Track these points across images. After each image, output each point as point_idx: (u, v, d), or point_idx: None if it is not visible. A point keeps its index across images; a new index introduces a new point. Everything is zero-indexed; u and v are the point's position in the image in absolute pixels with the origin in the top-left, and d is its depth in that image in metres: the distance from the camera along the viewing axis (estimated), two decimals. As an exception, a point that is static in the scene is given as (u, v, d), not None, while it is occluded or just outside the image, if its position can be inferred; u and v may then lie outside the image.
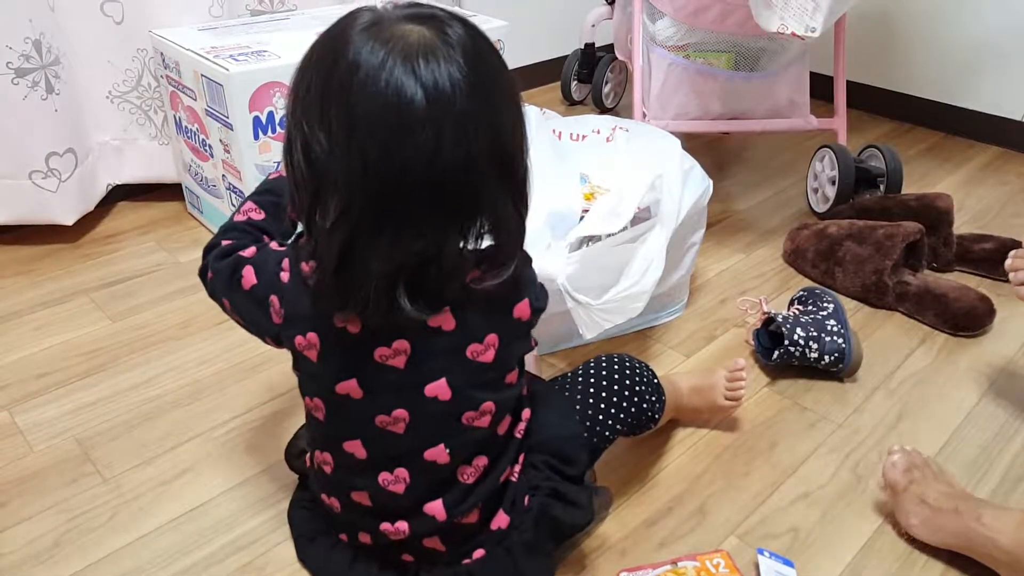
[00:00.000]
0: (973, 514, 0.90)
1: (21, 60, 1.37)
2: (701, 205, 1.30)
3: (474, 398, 0.77)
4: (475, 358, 0.75)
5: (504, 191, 0.68)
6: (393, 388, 0.75)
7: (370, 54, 0.62)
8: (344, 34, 0.64)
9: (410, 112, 0.61)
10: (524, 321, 0.78)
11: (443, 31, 0.64)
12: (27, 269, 1.49)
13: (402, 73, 0.61)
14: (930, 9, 2.15)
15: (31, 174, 1.45)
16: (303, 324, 0.74)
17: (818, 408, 1.18)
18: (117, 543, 0.94)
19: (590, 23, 2.24)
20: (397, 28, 0.63)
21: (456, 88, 0.62)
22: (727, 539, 0.97)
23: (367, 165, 0.62)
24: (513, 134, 0.68)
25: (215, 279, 0.81)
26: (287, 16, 1.63)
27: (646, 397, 0.95)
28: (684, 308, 1.41)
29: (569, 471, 0.87)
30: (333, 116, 0.63)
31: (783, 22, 1.37)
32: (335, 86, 0.63)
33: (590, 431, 0.90)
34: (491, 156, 0.65)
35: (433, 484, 0.79)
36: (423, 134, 0.61)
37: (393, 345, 0.73)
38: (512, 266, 0.71)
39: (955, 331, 1.35)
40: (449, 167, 0.63)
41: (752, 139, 2.14)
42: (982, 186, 1.91)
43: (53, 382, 1.20)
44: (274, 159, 1.39)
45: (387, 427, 0.76)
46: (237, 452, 1.08)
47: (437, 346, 0.74)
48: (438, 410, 0.76)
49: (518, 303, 0.77)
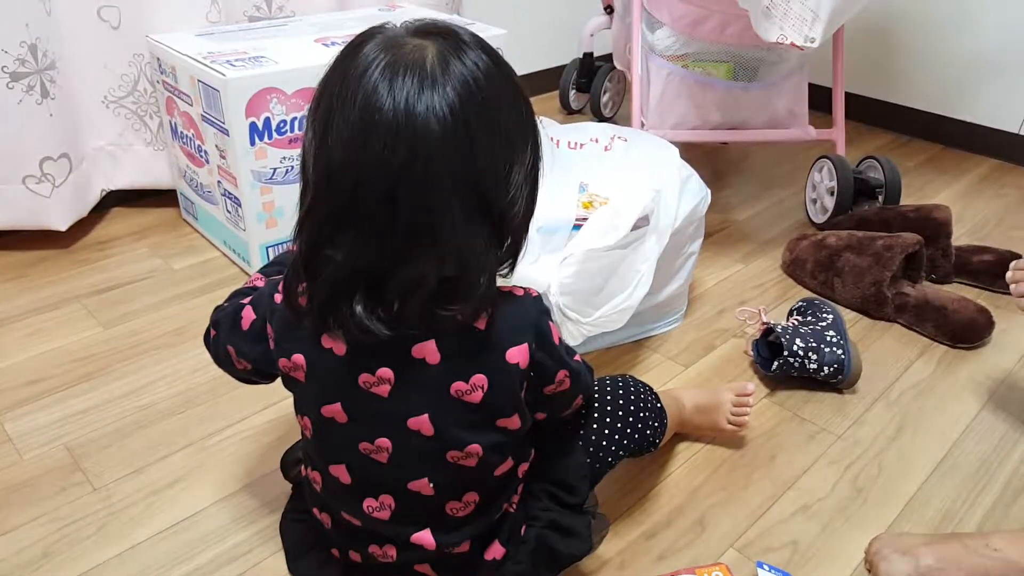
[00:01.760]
0: (980, 544, 0.88)
1: (17, 64, 1.36)
2: (699, 214, 1.29)
3: (458, 438, 0.73)
4: (460, 397, 0.71)
5: (474, 226, 0.64)
6: (377, 416, 0.72)
7: (364, 60, 0.61)
8: (358, 39, 0.64)
9: (374, 122, 0.60)
10: (522, 369, 0.72)
11: (447, 55, 0.62)
12: (19, 275, 1.47)
13: (379, 81, 0.60)
14: (928, 22, 2.16)
15: (25, 179, 1.44)
16: (290, 345, 0.73)
17: (818, 420, 1.17)
18: (107, 553, 0.93)
19: (589, 32, 2.24)
20: (403, 40, 0.63)
21: (430, 113, 0.60)
22: (726, 552, 0.96)
23: (331, 168, 0.62)
24: (496, 174, 0.64)
25: (219, 333, 0.80)
26: (285, 22, 1.62)
27: (649, 423, 0.93)
28: (683, 318, 1.40)
29: (570, 500, 0.85)
30: (319, 115, 0.63)
31: (782, 32, 1.37)
32: (327, 86, 0.64)
33: (592, 457, 0.88)
34: (460, 190, 0.62)
35: (420, 514, 0.77)
36: (379, 146, 0.60)
37: (377, 372, 0.70)
38: (475, 301, 0.67)
39: (954, 343, 1.35)
40: (404, 188, 0.61)
41: (751, 149, 2.14)
42: (980, 198, 1.91)
43: (44, 389, 1.18)
44: (270, 165, 1.38)
45: (371, 455, 0.74)
46: (229, 462, 1.06)
47: (421, 379, 0.71)
48: (421, 444, 0.72)
49: (512, 348, 0.71)
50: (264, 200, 1.40)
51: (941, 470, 1.09)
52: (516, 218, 0.68)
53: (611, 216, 1.12)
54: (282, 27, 1.58)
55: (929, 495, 1.05)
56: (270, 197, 1.41)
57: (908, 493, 1.05)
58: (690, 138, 1.70)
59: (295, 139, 1.39)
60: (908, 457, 1.11)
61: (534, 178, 0.69)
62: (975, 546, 0.88)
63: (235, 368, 0.81)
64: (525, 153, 0.67)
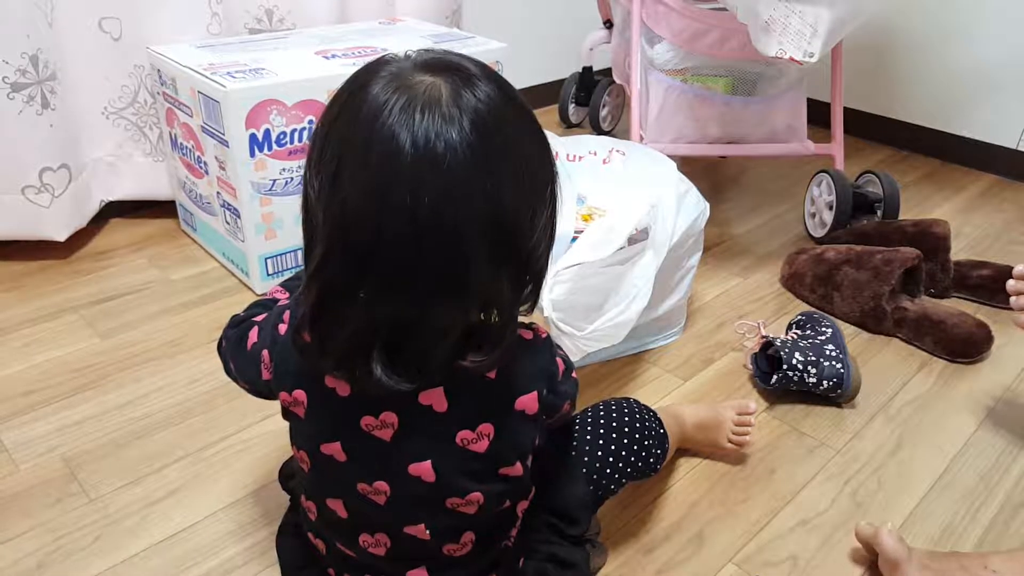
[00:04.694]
0: (978, 565, 0.87)
1: (17, 75, 1.36)
2: (697, 228, 1.29)
3: (460, 486, 0.71)
4: (465, 446, 0.70)
5: (499, 268, 0.62)
6: (377, 459, 0.70)
7: (374, 102, 0.58)
8: (359, 76, 0.61)
9: (393, 167, 0.56)
10: (529, 416, 0.71)
11: (459, 88, 0.59)
12: (17, 285, 1.47)
13: (397, 126, 0.56)
14: (927, 38, 2.17)
15: (24, 189, 1.44)
16: (292, 380, 0.71)
17: (817, 434, 1.17)
18: (102, 566, 0.92)
19: (588, 47, 2.25)
20: (412, 77, 0.59)
21: (449, 151, 0.56)
22: (725, 567, 0.95)
23: (347, 219, 0.58)
24: (519, 210, 0.62)
25: (227, 346, 0.80)
26: (285, 35, 1.63)
27: (652, 450, 0.92)
28: (682, 332, 1.40)
29: (571, 531, 0.85)
30: (326, 160, 0.59)
31: (781, 47, 1.38)
32: (333, 128, 0.60)
33: (595, 484, 0.88)
34: (485, 231, 0.59)
35: (416, 554, 0.76)
36: (402, 192, 0.56)
37: (380, 416, 0.68)
38: (500, 349, 0.65)
39: (953, 357, 1.34)
40: (430, 234, 0.57)
41: (749, 164, 2.14)
42: (979, 213, 1.91)
43: (40, 399, 1.18)
44: (270, 177, 1.38)
45: (368, 495, 0.72)
46: (226, 473, 1.06)
47: (426, 425, 0.69)
48: (420, 491, 0.71)
49: (522, 395, 0.70)
50: (263, 211, 1.40)
51: (940, 485, 1.08)
52: (540, 260, 0.66)
53: (605, 230, 1.12)
54: (283, 39, 1.58)
55: (928, 510, 1.04)
56: (269, 209, 1.41)
57: (907, 508, 1.05)
58: (689, 152, 1.70)
59: (295, 151, 1.39)
60: (907, 472, 1.11)
61: (554, 215, 0.67)
62: (973, 568, 0.87)
63: (239, 383, 0.80)
64: (547, 191, 0.65)
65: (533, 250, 0.64)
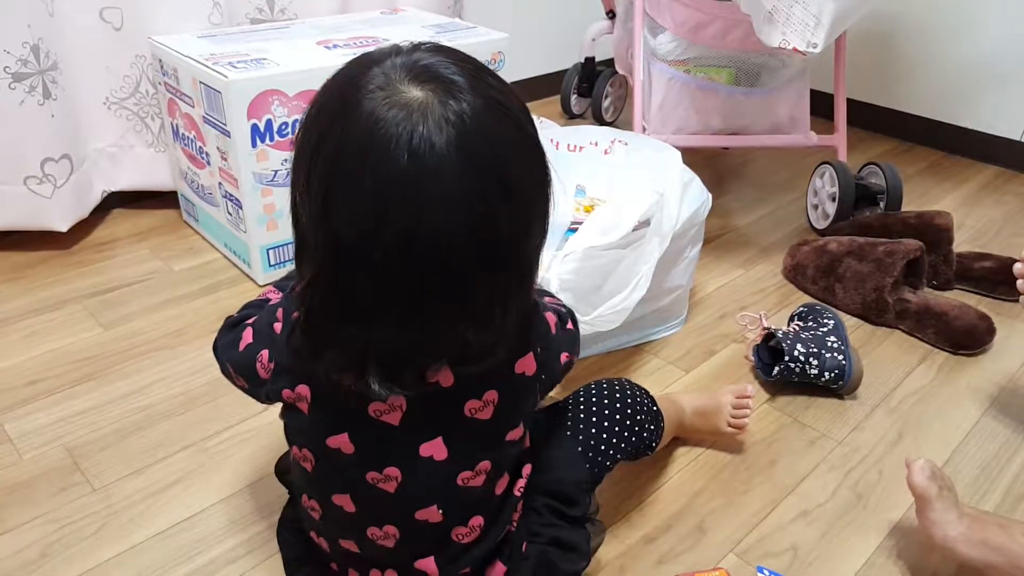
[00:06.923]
0: (1018, 530, 0.86)
1: (19, 65, 1.36)
2: (699, 218, 1.29)
3: (471, 457, 0.73)
4: (473, 415, 0.71)
5: (494, 294, 0.62)
6: (386, 445, 0.71)
7: (364, 120, 0.56)
8: (346, 89, 0.58)
9: (393, 193, 0.55)
10: (529, 376, 0.73)
11: (445, 99, 0.56)
12: (19, 275, 1.47)
13: (394, 150, 0.54)
14: (930, 29, 2.16)
15: (26, 179, 1.44)
16: (293, 376, 0.71)
17: (818, 425, 1.17)
18: (105, 554, 0.92)
19: (590, 37, 2.24)
20: (402, 92, 0.57)
21: (453, 176, 0.55)
22: (726, 557, 0.95)
23: (341, 241, 0.57)
24: (515, 234, 0.61)
25: (221, 348, 0.80)
26: (287, 25, 1.62)
27: (646, 426, 0.93)
28: (683, 323, 1.40)
29: (572, 513, 0.85)
30: (316, 178, 0.58)
31: (785, 37, 1.37)
32: (323, 147, 0.58)
33: (590, 461, 0.88)
34: (482, 257, 0.59)
35: (425, 542, 0.76)
36: (396, 225, 0.55)
37: (388, 400, 0.68)
38: (492, 357, 0.65)
39: (955, 349, 1.34)
40: (422, 254, 0.57)
41: (752, 155, 2.13)
42: (981, 205, 1.91)
43: (44, 390, 1.18)
44: (272, 167, 1.38)
45: (378, 484, 0.72)
46: (228, 463, 1.06)
47: (434, 402, 0.69)
48: (432, 470, 0.71)
49: (521, 358, 0.72)
50: (265, 202, 1.40)
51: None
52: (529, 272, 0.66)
53: (613, 214, 1.12)
54: (284, 29, 1.58)
55: (930, 501, 1.04)
56: (271, 199, 1.41)
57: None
58: (691, 143, 1.70)
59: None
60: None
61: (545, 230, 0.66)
62: (1013, 532, 0.86)
63: (236, 384, 0.79)
64: (546, 204, 0.64)
65: (529, 272, 0.66)
